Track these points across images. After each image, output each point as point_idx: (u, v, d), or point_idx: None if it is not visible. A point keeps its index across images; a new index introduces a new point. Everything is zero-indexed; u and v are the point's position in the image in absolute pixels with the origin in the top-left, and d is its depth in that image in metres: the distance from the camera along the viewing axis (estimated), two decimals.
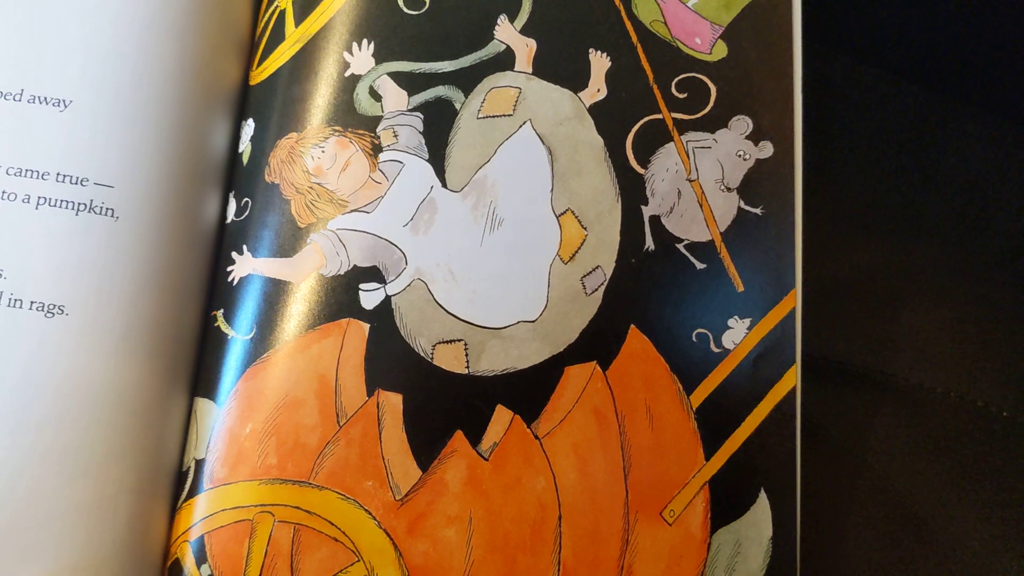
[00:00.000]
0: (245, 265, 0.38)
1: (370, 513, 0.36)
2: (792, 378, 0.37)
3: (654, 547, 0.37)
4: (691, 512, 0.37)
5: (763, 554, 0.37)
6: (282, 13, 0.40)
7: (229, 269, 0.38)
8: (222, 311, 0.38)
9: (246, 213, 0.39)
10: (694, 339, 0.37)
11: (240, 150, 0.40)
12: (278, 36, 0.40)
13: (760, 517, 0.37)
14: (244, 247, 0.38)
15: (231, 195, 0.40)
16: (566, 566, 0.36)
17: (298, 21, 0.40)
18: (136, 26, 0.38)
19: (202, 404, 0.37)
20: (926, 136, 0.49)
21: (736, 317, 0.37)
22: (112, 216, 0.37)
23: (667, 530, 0.37)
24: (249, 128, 0.39)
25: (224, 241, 0.39)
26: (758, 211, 0.38)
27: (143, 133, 0.37)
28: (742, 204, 0.38)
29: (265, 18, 0.41)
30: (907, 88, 0.49)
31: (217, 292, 0.39)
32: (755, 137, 0.38)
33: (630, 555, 0.36)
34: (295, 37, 0.40)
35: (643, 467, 0.37)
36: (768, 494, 0.37)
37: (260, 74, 0.40)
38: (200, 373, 0.38)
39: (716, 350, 0.37)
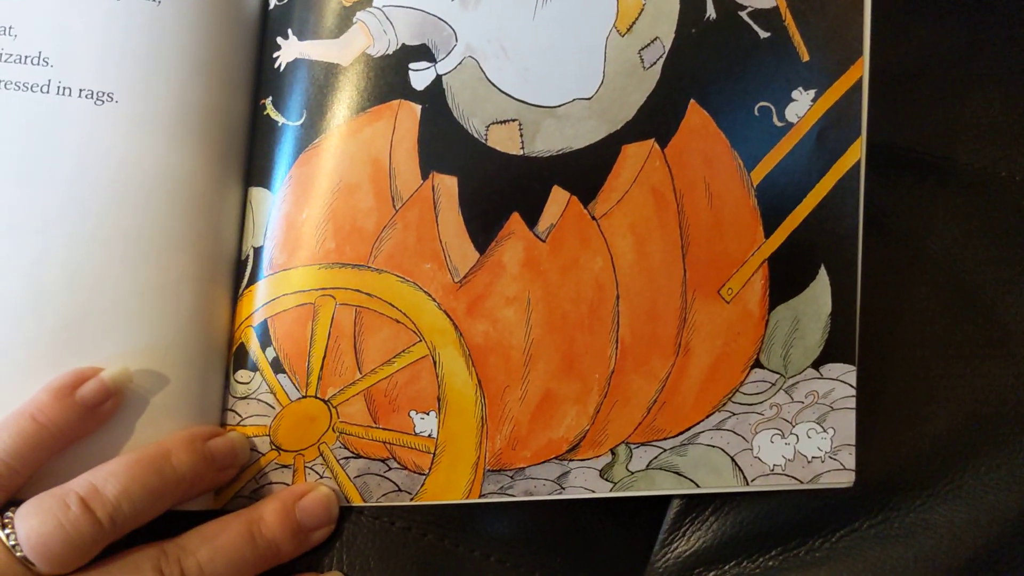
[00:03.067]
0: (291, 49, 0.37)
1: (430, 295, 0.36)
2: (856, 152, 0.36)
3: (711, 325, 0.37)
4: (749, 290, 0.36)
5: (821, 330, 0.37)
6: None
7: (275, 55, 0.37)
8: (271, 98, 0.37)
9: None
10: (756, 113, 0.36)
11: None
12: None
13: (819, 294, 0.37)
14: (289, 31, 0.37)
15: None
16: (624, 344, 0.36)
17: None
18: None
19: (257, 193, 0.37)
20: None
21: (800, 88, 0.36)
22: (154, 0, 0.36)
23: (725, 308, 0.36)
24: None
25: (269, 26, 0.38)
26: None
27: None
28: None
29: None
30: None
31: (265, 79, 0.38)
32: None
33: (687, 333, 0.37)
34: None
35: (701, 246, 0.36)
36: (828, 271, 0.37)
37: None
38: (253, 162, 0.38)
39: (779, 124, 0.36)
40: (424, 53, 0.36)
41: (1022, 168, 0.43)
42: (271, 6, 0.38)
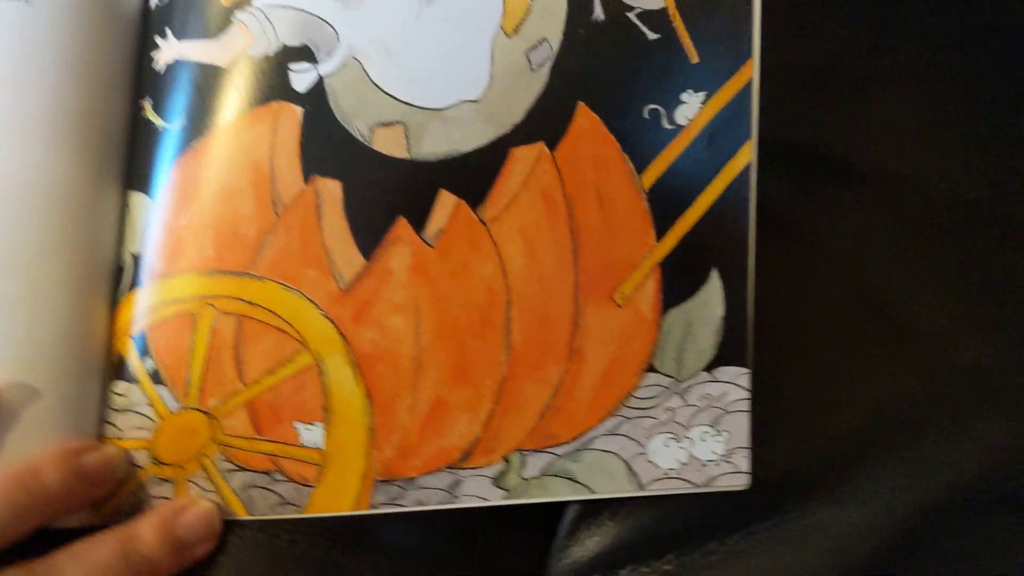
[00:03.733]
0: (170, 50, 0.36)
1: (314, 302, 0.35)
2: (747, 154, 0.36)
3: (604, 329, 0.36)
4: (641, 293, 0.36)
5: (714, 333, 0.36)
6: None
7: (154, 55, 0.36)
8: (150, 100, 0.36)
9: None
10: (646, 115, 0.35)
11: None
12: None
13: (712, 297, 0.36)
14: (168, 31, 0.36)
15: None
16: (516, 350, 0.36)
17: None
18: None
19: (136, 197, 0.36)
20: None
21: (690, 91, 0.35)
22: (24, 0, 0.34)
23: (617, 312, 0.36)
24: None
25: (150, 26, 0.37)
26: None
27: None
28: None
29: None
30: None
31: (145, 80, 0.36)
32: None
33: (580, 337, 0.36)
34: None
35: (593, 250, 0.36)
36: (721, 274, 0.36)
37: None
38: (132, 166, 0.36)
39: (669, 127, 0.35)
40: (306, 54, 0.35)
41: (924, 167, 0.43)
42: (152, 6, 0.37)
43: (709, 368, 0.37)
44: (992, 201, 0.42)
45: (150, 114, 0.36)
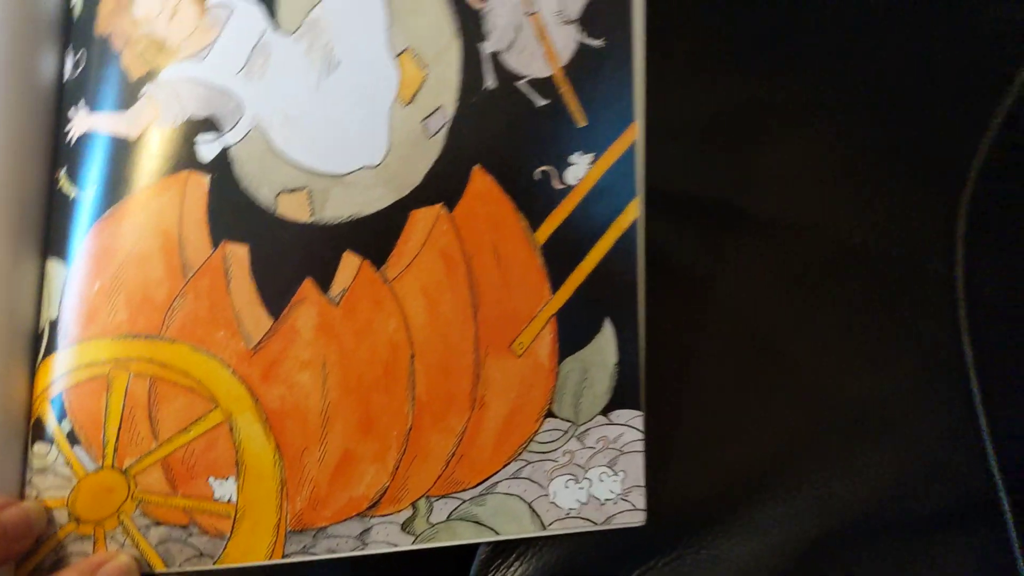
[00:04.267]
0: (82, 122, 0.37)
1: (224, 362, 0.37)
2: (634, 211, 0.38)
3: (505, 379, 0.38)
4: (539, 343, 0.38)
5: (609, 379, 0.39)
6: None
7: (68, 128, 0.38)
8: (65, 170, 0.37)
9: (80, 69, 0.38)
10: (538, 177, 0.37)
11: (71, 3, 0.38)
12: None
13: (605, 344, 0.39)
14: (81, 103, 0.37)
15: (68, 51, 0.38)
16: (421, 402, 0.38)
17: None
18: None
19: (53, 265, 0.37)
20: None
21: (579, 152, 0.38)
22: None
23: (517, 362, 0.38)
24: None
25: (64, 99, 0.38)
26: (599, 43, 0.38)
27: None
28: (583, 37, 0.38)
29: None
30: None
31: (60, 151, 0.38)
32: None
33: (482, 387, 0.38)
34: None
35: (492, 304, 0.38)
36: (613, 322, 0.39)
37: None
38: (49, 235, 0.38)
39: (560, 187, 0.38)
40: (211, 125, 0.37)
41: (811, 214, 0.46)
42: (65, 78, 0.38)
43: (605, 412, 0.39)
44: (875, 244, 0.45)
45: (65, 184, 0.37)
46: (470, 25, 0.37)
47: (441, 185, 0.37)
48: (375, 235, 0.37)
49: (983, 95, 0.46)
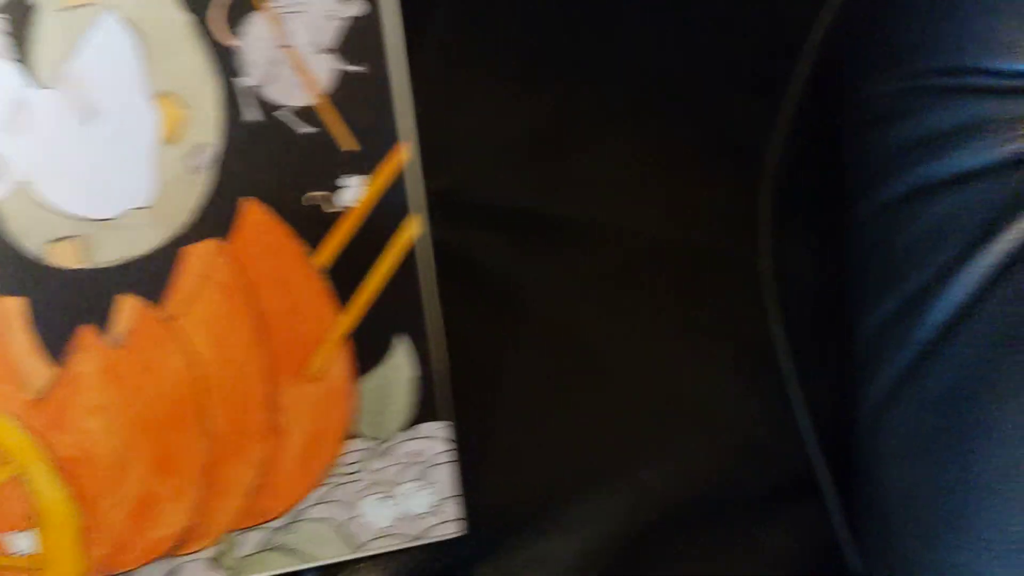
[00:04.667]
0: None
1: (9, 415, 0.37)
2: (415, 227, 0.38)
3: (301, 404, 0.38)
4: (333, 366, 0.39)
5: (409, 394, 0.39)
6: None
7: None
8: None
9: None
10: (311, 203, 0.38)
11: None
12: None
13: (401, 361, 0.39)
14: None
15: None
16: (216, 435, 0.38)
17: None
18: None
19: None
20: None
21: (349, 175, 0.38)
22: None
23: (312, 386, 0.38)
24: None
25: None
26: (360, 68, 0.38)
27: None
28: (342, 64, 0.38)
29: None
30: None
31: None
32: None
33: (279, 415, 0.38)
34: None
35: (280, 331, 0.38)
36: (410, 338, 0.39)
37: None
38: None
39: (333, 210, 0.38)
40: None
41: (625, 217, 0.46)
42: None
43: (409, 426, 0.39)
44: (682, 239, 0.46)
45: None
46: (226, 62, 0.38)
47: (212, 220, 0.38)
48: (149, 275, 0.37)
49: (769, 88, 0.47)
